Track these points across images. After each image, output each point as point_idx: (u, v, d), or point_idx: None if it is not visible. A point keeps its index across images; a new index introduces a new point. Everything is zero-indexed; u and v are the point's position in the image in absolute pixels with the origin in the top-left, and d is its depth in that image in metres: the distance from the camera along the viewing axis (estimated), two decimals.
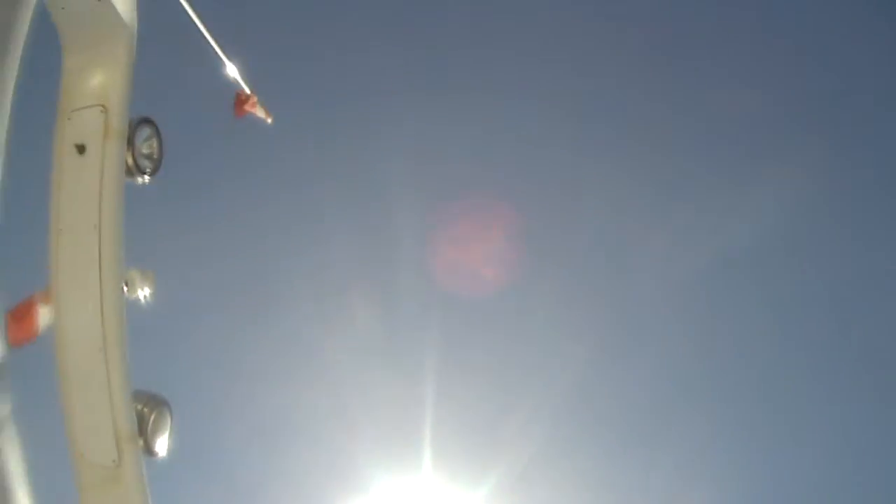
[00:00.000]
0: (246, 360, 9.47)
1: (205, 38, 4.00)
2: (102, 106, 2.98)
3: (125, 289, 3.06)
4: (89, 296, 2.90)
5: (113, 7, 2.86)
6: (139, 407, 3.03)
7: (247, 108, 5.86)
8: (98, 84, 3.01)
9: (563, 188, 10.51)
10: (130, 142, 3.05)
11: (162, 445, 3.14)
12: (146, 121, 3.17)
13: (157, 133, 3.25)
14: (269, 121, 6.20)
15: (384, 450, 9.79)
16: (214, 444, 8.69)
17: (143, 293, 3.29)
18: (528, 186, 10.46)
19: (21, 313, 3.05)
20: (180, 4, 3.61)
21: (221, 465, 8.96)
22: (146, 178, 3.19)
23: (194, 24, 3.80)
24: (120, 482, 2.93)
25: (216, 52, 4.29)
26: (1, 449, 1.63)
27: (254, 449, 9.41)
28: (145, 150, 3.17)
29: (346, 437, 9.75)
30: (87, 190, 2.93)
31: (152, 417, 3.07)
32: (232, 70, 4.91)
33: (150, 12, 3.20)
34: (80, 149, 2.96)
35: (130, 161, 3.06)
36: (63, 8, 2.84)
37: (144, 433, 3.01)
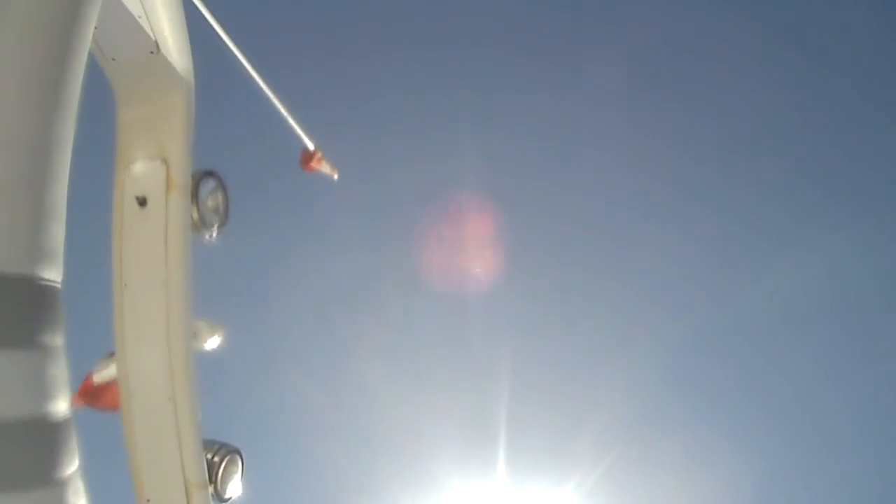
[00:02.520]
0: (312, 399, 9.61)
1: (265, 93, 4.06)
2: (163, 159, 2.98)
3: (194, 340, 3.08)
4: (157, 347, 2.91)
5: (167, 61, 2.86)
6: (209, 456, 3.05)
7: (313, 164, 5.98)
8: (157, 137, 3.00)
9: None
10: (195, 195, 3.05)
11: (233, 490, 3.15)
12: (210, 174, 3.18)
13: (222, 186, 3.25)
14: (336, 177, 6.31)
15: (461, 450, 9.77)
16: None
17: (212, 343, 3.32)
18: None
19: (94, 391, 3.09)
20: (238, 60, 3.67)
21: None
22: (213, 231, 3.19)
23: (254, 79, 3.85)
24: None
25: (278, 108, 4.38)
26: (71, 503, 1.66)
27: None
28: (210, 204, 3.17)
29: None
30: (151, 243, 2.93)
31: (223, 464, 3.08)
32: (295, 126, 5.02)
33: (208, 67, 3.21)
34: (142, 201, 2.96)
35: (196, 215, 3.05)
36: (114, 59, 2.86)
37: (215, 480, 3.02)
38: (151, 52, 2.82)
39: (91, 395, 3.05)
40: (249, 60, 3.71)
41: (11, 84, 1.58)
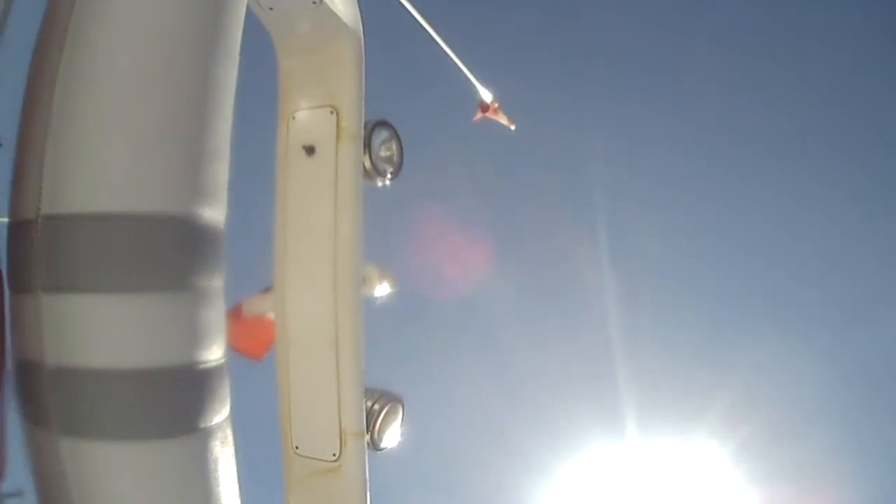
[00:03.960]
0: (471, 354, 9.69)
1: (440, 45, 3.99)
2: (332, 108, 2.97)
3: (362, 285, 3.06)
4: (323, 292, 2.92)
5: (331, 10, 2.81)
6: (370, 404, 3.05)
7: (489, 115, 5.91)
8: (325, 86, 2.99)
9: None
10: (367, 144, 3.03)
11: (390, 440, 3.14)
12: (383, 123, 3.15)
13: (396, 136, 3.23)
14: (513, 127, 6.21)
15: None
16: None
17: (381, 290, 3.32)
18: None
19: (249, 329, 3.16)
20: (407, 9, 3.60)
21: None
22: (386, 181, 3.17)
23: (427, 31, 3.78)
24: (339, 475, 2.94)
25: (454, 59, 4.32)
26: (217, 451, 1.67)
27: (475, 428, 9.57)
28: (384, 153, 3.15)
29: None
30: (320, 190, 2.94)
31: (383, 413, 3.07)
32: (471, 77, 4.95)
33: (381, 19, 3.18)
34: (310, 150, 2.98)
35: (368, 164, 3.03)
36: (271, 9, 2.83)
37: (372, 429, 3.02)
38: (314, 2, 2.78)
39: (236, 332, 3.13)
40: (419, 10, 3.65)
41: (174, 30, 1.59)
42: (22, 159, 1.63)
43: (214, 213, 1.66)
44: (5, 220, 1.71)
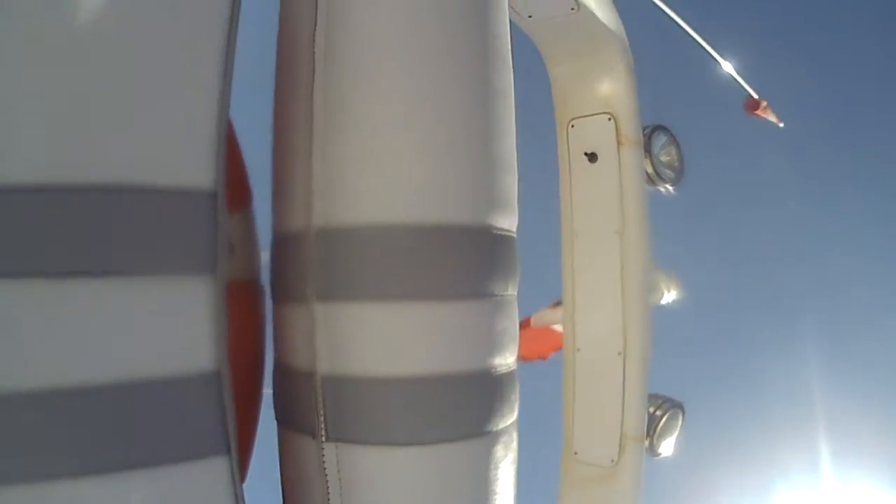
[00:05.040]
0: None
1: (698, 43, 3.88)
2: (609, 114, 3.00)
3: (650, 293, 3.11)
4: (610, 300, 2.96)
5: (591, 14, 2.81)
6: (651, 409, 3.06)
7: (758, 113, 5.65)
8: (599, 93, 3.03)
9: None
10: (647, 149, 3.05)
11: (667, 447, 3.13)
12: (660, 128, 3.17)
13: (675, 141, 3.23)
14: (781, 125, 5.89)
15: None
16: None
17: (669, 296, 3.34)
18: None
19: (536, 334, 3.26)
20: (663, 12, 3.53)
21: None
22: (668, 186, 3.19)
23: (683, 28, 3.69)
24: (615, 480, 2.96)
25: (714, 58, 4.18)
26: (501, 455, 1.66)
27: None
28: (664, 158, 3.16)
29: None
30: (604, 196, 2.99)
31: (664, 419, 3.07)
32: (734, 74, 4.77)
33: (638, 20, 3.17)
34: (592, 157, 3.03)
35: (650, 169, 3.06)
36: (530, 17, 2.87)
37: (652, 434, 3.04)
38: (572, 9, 2.79)
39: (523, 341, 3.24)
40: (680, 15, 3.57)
41: (446, 37, 1.56)
42: (283, 175, 1.63)
43: (508, 222, 1.64)
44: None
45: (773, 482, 8.72)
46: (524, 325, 3.24)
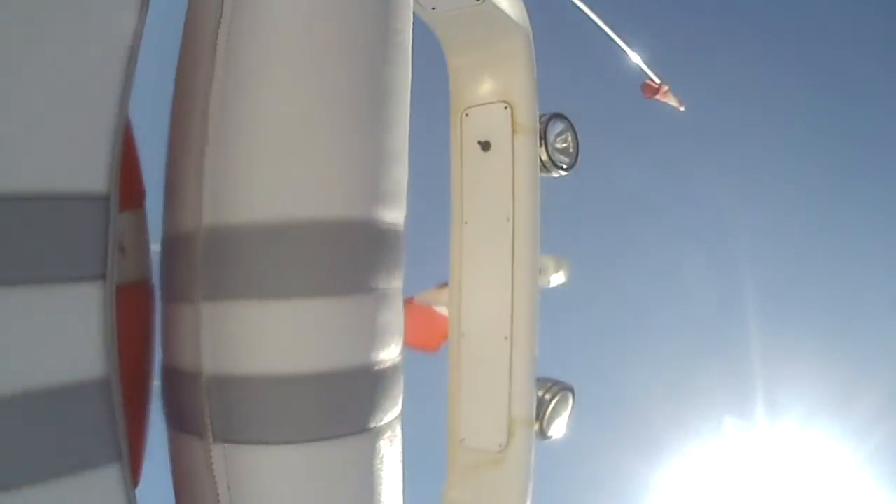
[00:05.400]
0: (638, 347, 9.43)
1: (601, 28, 3.93)
2: (506, 103, 3.01)
3: (539, 276, 3.11)
4: (498, 283, 2.98)
5: (495, 6, 2.81)
6: (540, 393, 3.08)
7: (658, 96, 5.75)
8: (497, 83, 3.03)
9: None
10: (543, 137, 3.06)
11: (558, 429, 3.16)
12: (558, 116, 3.17)
13: (571, 128, 3.24)
14: (682, 108, 6.02)
15: None
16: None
17: (557, 279, 3.35)
18: None
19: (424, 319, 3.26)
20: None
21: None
22: (562, 172, 3.20)
23: (588, 16, 3.72)
24: (504, 465, 2.98)
25: (617, 43, 4.23)
26: (385, 450, 1.67)
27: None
28: (559, 145, 3.18)
29: None
30: (496, 183, 3.00)
31: (553, 402, 3.09)
32: (636, 59, 4.84)
33: (543, 10, 3.14)
34: (485, 145, 3.04)
35: (545, 156, 3.08)
36: (433, 8, 2.86)
37: (542, 418, 3.05)
38: (477, 1, 2.79)
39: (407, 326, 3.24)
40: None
41: (342, 31, 1.56)
42: (175, 173, 1.62)
43: (394, 215, 1.64)
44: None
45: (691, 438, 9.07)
46: (408, 303, 3.28)
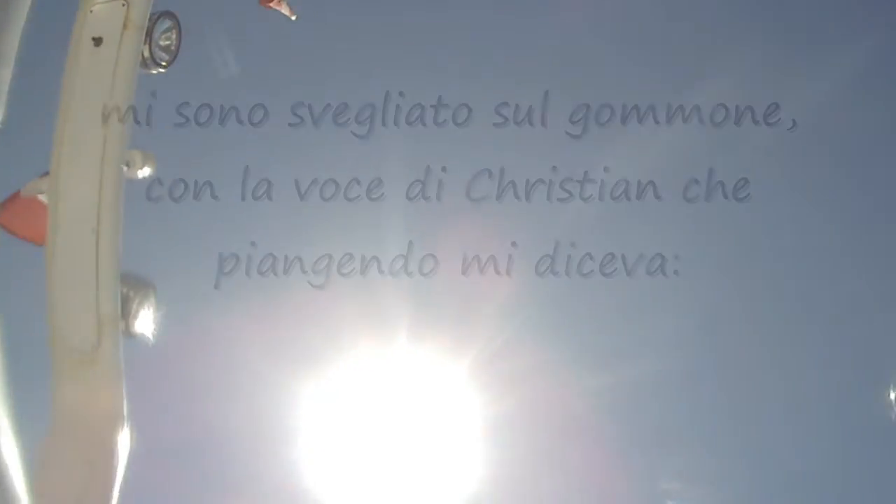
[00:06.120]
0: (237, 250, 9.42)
1: None
2: (125, 1, 3.07)
3: (126, 169, 3.14)
4: (90, 174, 2.99)
5: None
6: (125, 290, 3.09)
7: (272, 5, 5.82)
8: None
9: None
10: (149, 34, 3.13)
11: (143, 327, 3.19)
12: (167, 14, 3.25)
13: (178, 26, 3.33)
14: (294, 18, 6.16)
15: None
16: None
17: (143, 173, 3.34)
18: None
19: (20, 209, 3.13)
20: None
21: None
22: (160, 69, 3.28)
23: None
24: (96, 364, 2.98)
25: None
26: None
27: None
28: (163, 43, 3.26)
29: None
30: (101, 79, 3.02)
31: (137, 300, 3.13)
32: None
33: None
34: (97, 41, 3.06)
35: (147, 53, 3.15)
36: None
37: (127, 315, 3.09)
38: None
39: (14, 214, 3.09)
40: None
41: None
42: None
43: None
44: None
45: None
46: (14, 197, 3.18)
